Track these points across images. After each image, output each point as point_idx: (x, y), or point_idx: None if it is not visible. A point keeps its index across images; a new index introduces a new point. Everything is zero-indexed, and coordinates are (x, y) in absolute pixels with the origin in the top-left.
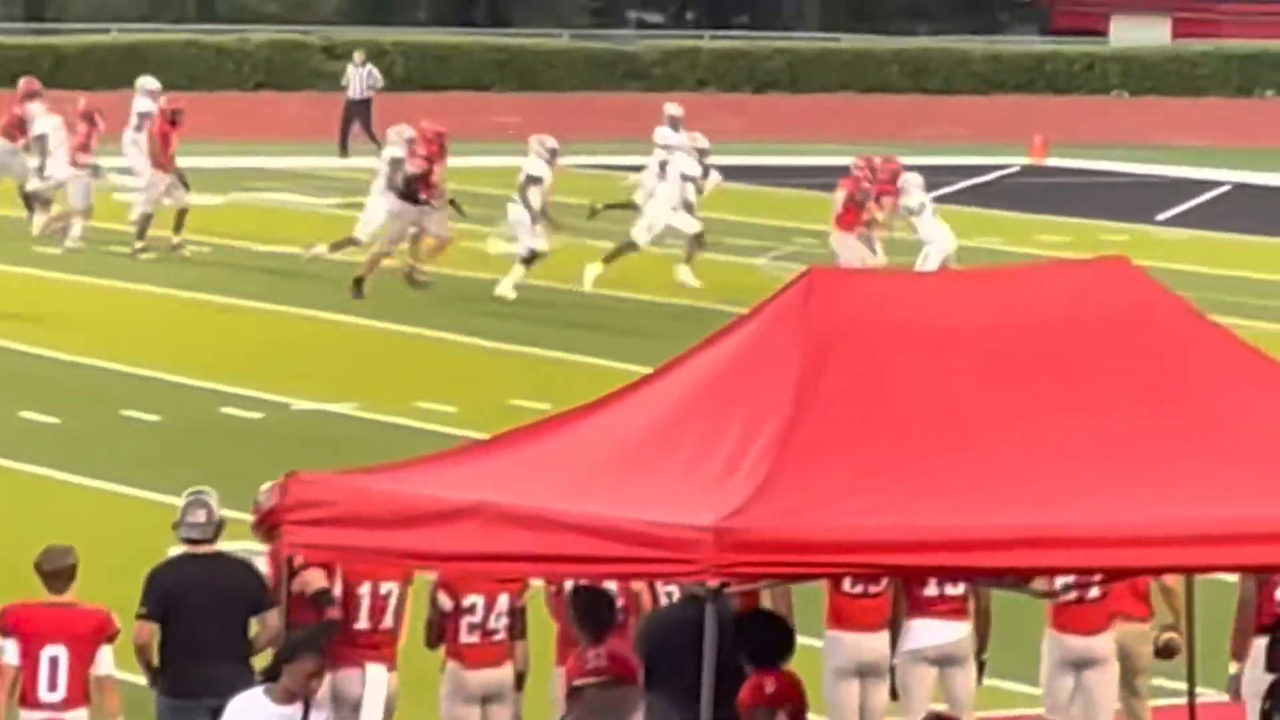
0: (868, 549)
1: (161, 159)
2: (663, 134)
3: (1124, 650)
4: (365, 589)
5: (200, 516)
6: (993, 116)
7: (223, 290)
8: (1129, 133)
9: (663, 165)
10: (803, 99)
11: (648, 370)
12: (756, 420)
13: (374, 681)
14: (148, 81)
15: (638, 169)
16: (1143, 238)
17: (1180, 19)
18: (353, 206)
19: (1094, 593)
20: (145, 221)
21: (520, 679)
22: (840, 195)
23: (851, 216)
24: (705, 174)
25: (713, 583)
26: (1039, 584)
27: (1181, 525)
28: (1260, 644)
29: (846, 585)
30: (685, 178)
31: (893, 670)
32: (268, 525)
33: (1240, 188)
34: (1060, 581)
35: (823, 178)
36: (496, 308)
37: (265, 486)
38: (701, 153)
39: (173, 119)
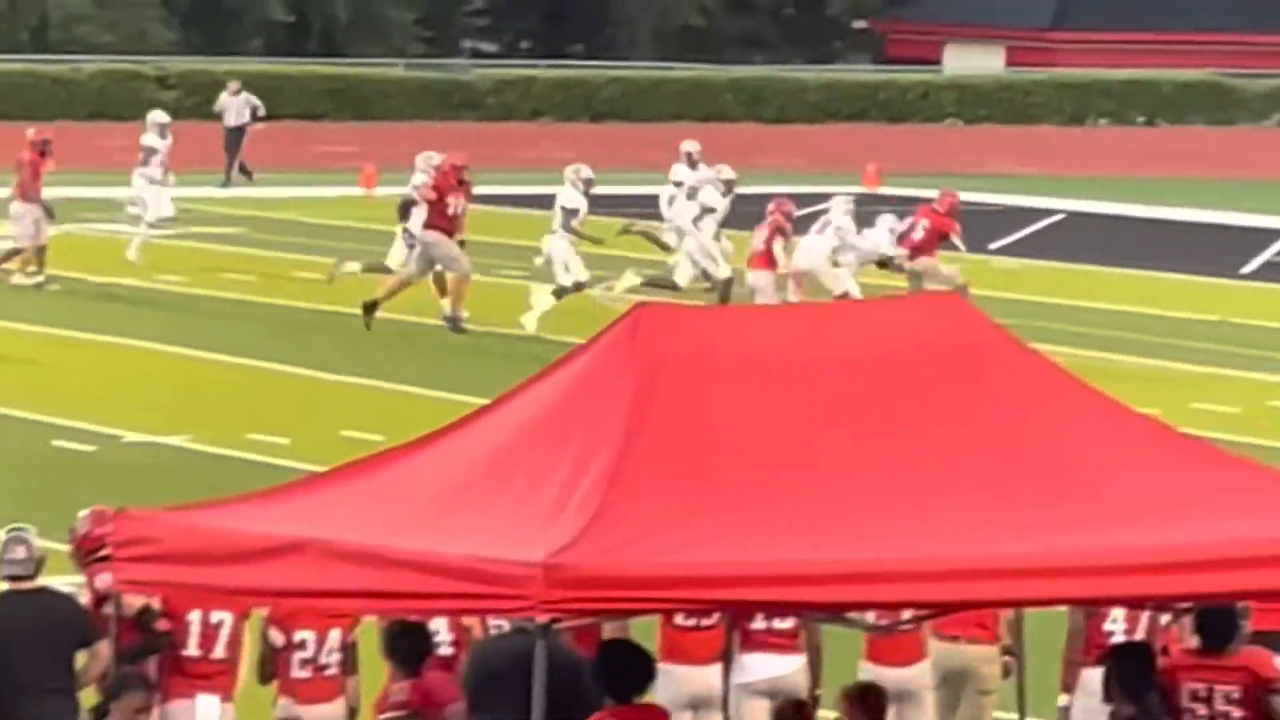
0: (696, 584)
1: (31, 190)
2: (679, 171)
3: (969, 672)
4: (195, 616)
5: (19, 553)
6: (827, 145)
7: (57, 322)
8: (962, 161)
9: (686, 196)
10: (637, 128)
11: (482, 402)
12: (586, 455)
13: (205, 713)
14: (158, 115)
15: (475, 198)
16: (976, 266)
17: (1013, 48)
18: (190, 237)
19: (907, 624)
20: (10, 255)
21: (353, 714)
22: (761, 236)
23: (770, 255)
24: (730, 207)
25: (541, 619)
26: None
27: (1008, 559)
28: (1089, 674)
29: (679, 618)
30: (706, 209)
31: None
32: (84, 552)
33: (1074, 216)
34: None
35: (649, 207)
36: (330, 338)
37: (83, 513)
38: (728, 184)
39: (42, 150)
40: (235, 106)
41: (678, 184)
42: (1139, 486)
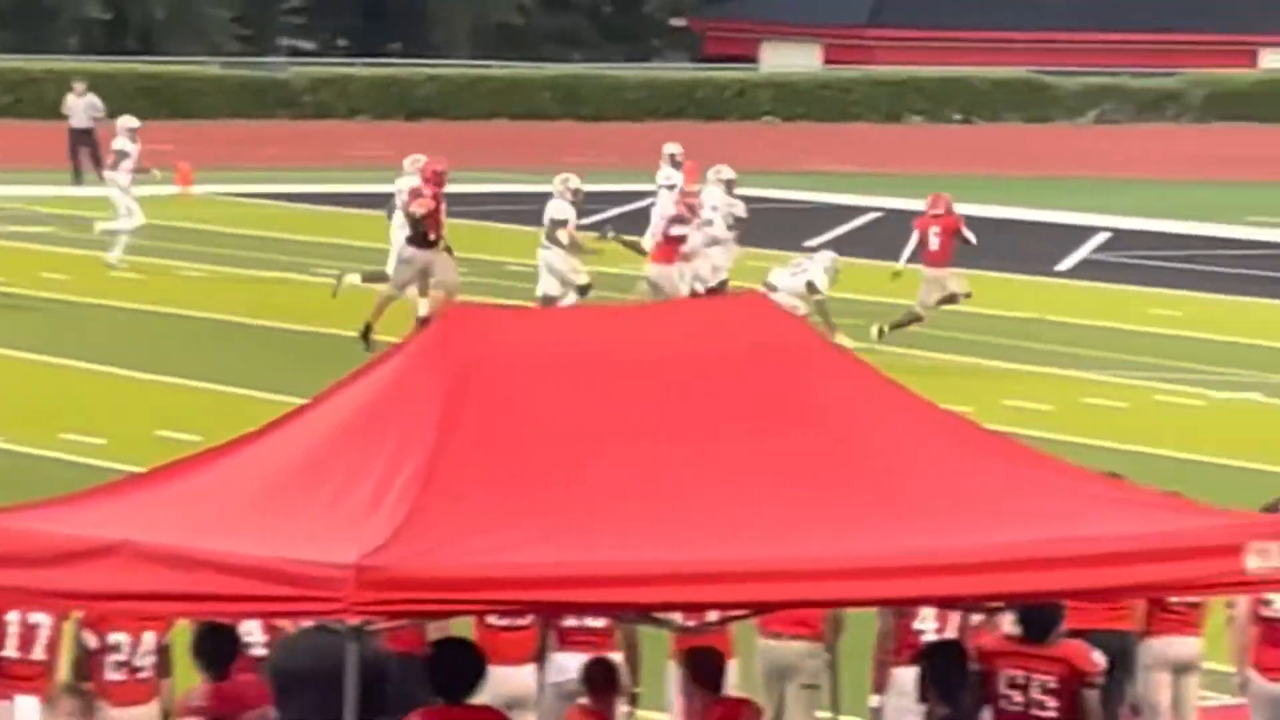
0: (507, 585)
1: None
2: (665, 174)
3: (792, 667)
4: (13, 617)
5: None
6: (645, 143)
7: None
8: (779, 159)
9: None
10: (455, 126)
11: (299, 402)
12: (399, 456)
13: (24, 714)
14: (128, 120)
15: (293, 197)
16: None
17: (830, 46)
18: (3, 235)
19: (715, 625)
20: None
21: (167, 717)
22: (661, 225)
23: (671, 248)
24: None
25: (353, 621)
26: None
27: (816, 560)
28: (901, 673)
29: (492, 618)
30: (713, 210)
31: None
32: None
33: (890, 214)
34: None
35: (474, 205)
36: (145, 336)
37: None
38: (729, 184)
39: None
40: (80, 107)
41: (670, 187)
42: (946, 486)
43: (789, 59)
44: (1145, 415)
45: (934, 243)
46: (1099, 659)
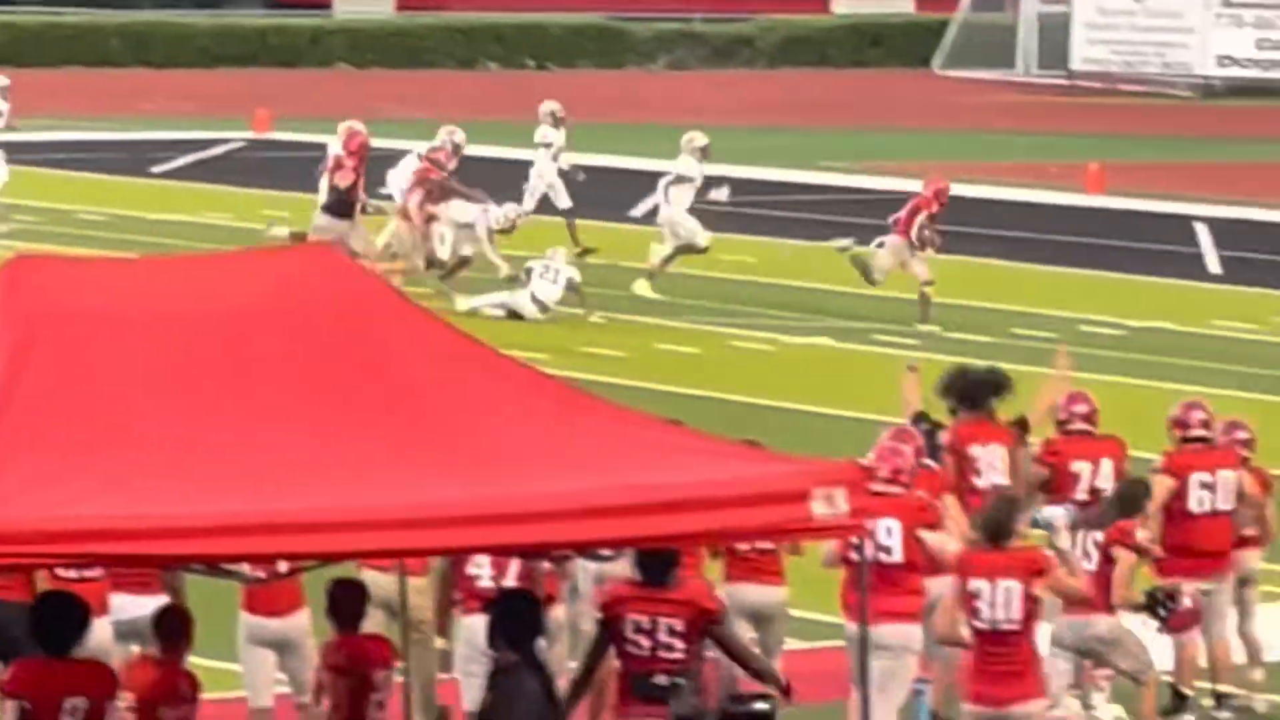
0: (70, 539)
1: None
2: (542, 132)
3: (392, 601)
4: None
5: None
6: (217, 90)
7: None
8: (353, 105)
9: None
10: (25, 73)
11: None
12: None
13: None
14: None
15: None
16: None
17: None
18: None
19: (284, 576)
20: None
21: None
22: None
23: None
24: (711, 182)
25: None
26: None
27: (377, 511)
28: (468, 622)
29: (60, 570)
30: (682, 178)
31: None
32: None
33: (467, 160)
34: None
35: (45, 153)
36: None
37: None
38: (703, 150)
39: None
40: None
41: (546, 145)
42: (507, 435)
43: (362, 5)
44: (717, 361)
45: (904, 211)
46: (722, 598)
